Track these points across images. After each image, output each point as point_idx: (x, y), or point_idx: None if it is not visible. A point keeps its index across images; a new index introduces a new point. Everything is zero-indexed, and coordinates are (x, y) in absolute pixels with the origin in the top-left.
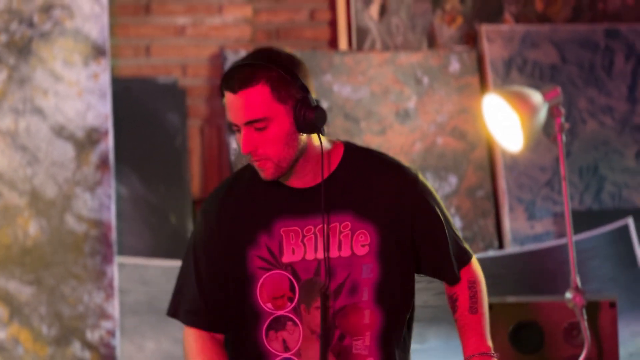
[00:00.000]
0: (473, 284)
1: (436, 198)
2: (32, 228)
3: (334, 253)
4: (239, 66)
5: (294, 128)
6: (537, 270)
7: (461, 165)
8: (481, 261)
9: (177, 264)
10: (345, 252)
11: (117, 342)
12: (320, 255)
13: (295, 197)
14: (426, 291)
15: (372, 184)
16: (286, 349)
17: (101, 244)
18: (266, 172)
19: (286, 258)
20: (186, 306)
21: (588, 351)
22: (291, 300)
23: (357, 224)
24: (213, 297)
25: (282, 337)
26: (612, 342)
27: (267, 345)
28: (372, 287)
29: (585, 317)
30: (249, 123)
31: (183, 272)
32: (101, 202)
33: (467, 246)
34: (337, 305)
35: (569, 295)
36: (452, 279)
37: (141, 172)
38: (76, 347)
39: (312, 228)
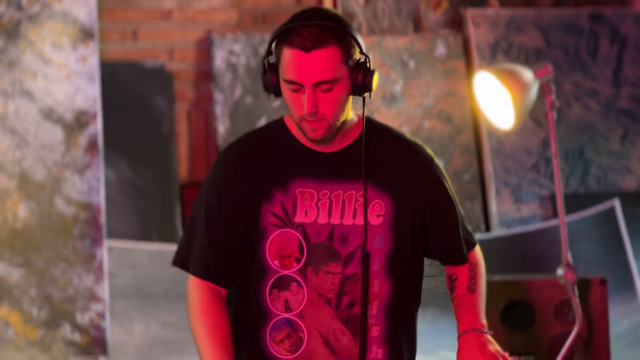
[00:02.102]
0: (474, 266)
1: (449, 182)
2: (22, 211)
3: (348, 220)
4: (307, 25)
5: (350, 90)
6: (524, 253)
7: (448, 149)
8: None
9: (165, 248)
10: (360, 221)
11: (107, 324)
12: (334, 220)
13: (316, 160)
14: None
15: (390, 158)
16: (288, 309)
17: (90, 226)
18: (317, 132)
19: (298, 218)
20: (195, 256)
21: (579, 328)
22: (298, 261)
23: (373, 194)
24: (223, 248)
25: (284, 297)
26: (603, 319)
27: (269, 303)
28: (384, 257)
29: (576, 293)
30: (317, 83)
31: (192, 223)
32: (90, 185)
33: (472, 231)
34: (348, 272)
35: (560, 272)
36: (460, 261)
37: (128, 157)
38: (66, 329)
39: (328, 192)
